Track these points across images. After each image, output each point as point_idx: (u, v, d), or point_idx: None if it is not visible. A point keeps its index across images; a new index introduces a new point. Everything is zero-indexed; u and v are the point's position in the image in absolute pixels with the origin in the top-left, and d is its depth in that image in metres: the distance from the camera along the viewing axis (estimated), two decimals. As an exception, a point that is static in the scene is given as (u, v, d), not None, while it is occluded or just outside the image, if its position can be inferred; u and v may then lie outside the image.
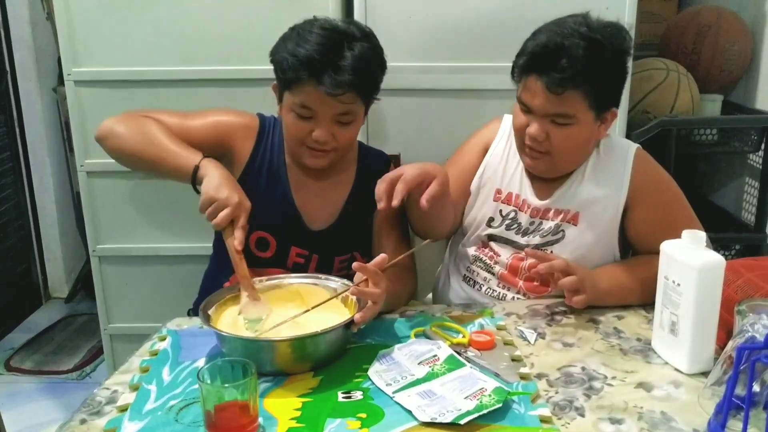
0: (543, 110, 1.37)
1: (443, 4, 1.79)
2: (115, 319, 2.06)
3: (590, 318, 1.38)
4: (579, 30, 1.33)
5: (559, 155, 1.42)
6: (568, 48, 1.31)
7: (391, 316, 1.39)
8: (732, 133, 2.13)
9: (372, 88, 1.45)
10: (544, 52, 1.34)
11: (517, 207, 1.52)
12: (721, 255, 1.16)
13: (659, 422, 1.04)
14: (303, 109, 1.40)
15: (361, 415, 1.05)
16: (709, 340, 1.17)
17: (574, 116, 1.36)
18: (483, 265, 1.54)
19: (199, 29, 1.83)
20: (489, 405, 1.04)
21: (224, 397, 0.99)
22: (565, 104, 1.35)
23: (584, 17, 1.37)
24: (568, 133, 1.38)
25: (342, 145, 1.46)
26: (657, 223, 1.44)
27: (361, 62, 1.36)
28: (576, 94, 1.34)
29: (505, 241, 1.52)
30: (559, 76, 1.32)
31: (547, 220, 1.49)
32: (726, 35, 2.16)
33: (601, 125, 1.42)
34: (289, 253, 1.52)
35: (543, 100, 1.36)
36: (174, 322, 1.39)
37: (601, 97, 1.37)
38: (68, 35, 1.84)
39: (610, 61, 1.36)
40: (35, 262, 3.23)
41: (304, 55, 1.35)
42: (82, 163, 1.94)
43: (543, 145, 1.40)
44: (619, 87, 1.42)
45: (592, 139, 1.44)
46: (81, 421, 1.07)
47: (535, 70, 1.35)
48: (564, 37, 1.33)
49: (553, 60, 1.32)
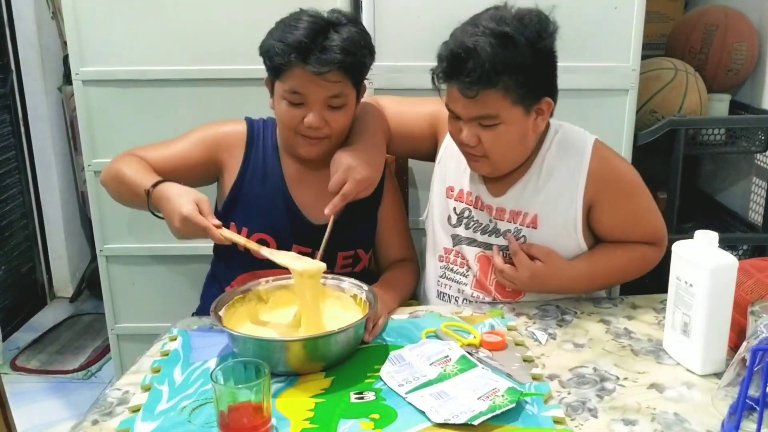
0: (466, 114, 1.34)
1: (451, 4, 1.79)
2: (122, 318, 2.06)
3: (601, 319, 1.38)
4: (488, 26, 1.29)
5: (496, 156, 1.37)
6: (473, 49, 1.27)
7: (400, 317, 1.39)
8: (739, 133, 2.13)
9: (360, 68, 1.44)
10: (452, 58, 1.30)
11: (470, 205, 1.49)
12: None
13: (673, 423, 1.04)
14: (293, 95, 1.40)
15: (373, 416, 1.05)
16: (721, 341, 1.17)
17: (498, 115, 1.32)
18: (453, 276, 1.52)
19: (207, 28, 1.83)
20: (502, 405, 1.04)
21: (238, 398, 0.99)
22: (485, 105, 1.31)
23: (498, 9, 1.34)
24: (497, 133, 1.34)
25: (335, 132, 1.45)
26: (622, 216, 1.45)
27: (346, 42, 1.37)
28: (492, 93, 1.29)
29: (469, 241, 1.50)
30: (468, 80, 1.28)
31: (502, 221, 1.45)
32: (733, 35, 2.16)
33: (537, 118, 1.36)
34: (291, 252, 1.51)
35: (462, 105, 1.33)
36: (184, 323, 1.39)
37: (523, 91, 1.31)
38: (76, 34, 1.84)
39: (524, 53, 1.28)
40: (40, 262, 3.23)
41: (292, 40, 1.36)
42: (90, 162, 1.93)
43: (477, 149, 1.37)
44: (544, 76, 1.35)
45: (529, 133, 1.38)
46: (93, 422, 1.07)
47: (449, 77, 1.32)
48: (472, 37, 1.28)
49: (462, 64, 1.28)
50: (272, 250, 1.33)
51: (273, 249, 1.36)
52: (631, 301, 1.45)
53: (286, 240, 1.50)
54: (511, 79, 1.28)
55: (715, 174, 2.48)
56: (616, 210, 1.44)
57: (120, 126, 1.90)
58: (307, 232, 1.52)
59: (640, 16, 1.79)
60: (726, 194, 2.42)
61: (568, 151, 1.43)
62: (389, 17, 1.79)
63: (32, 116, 3.05)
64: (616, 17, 1.79)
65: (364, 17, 1.80)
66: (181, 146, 1.52)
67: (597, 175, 1.41)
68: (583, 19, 1.78)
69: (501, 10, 1.33)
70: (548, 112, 1.38)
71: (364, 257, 1.56)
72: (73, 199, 3.24)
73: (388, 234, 1.60)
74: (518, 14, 1.32)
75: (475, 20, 1.33)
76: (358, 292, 1.33)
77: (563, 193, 1.42)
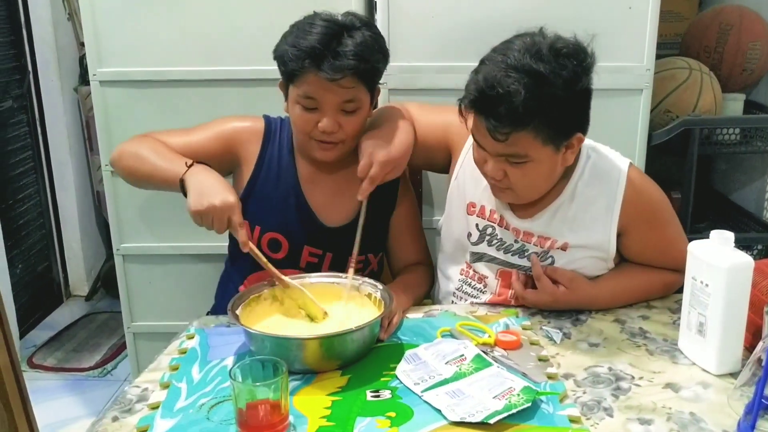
0: (494, 151, 1.29)
1: (466, 4, 1.79)
2: (138, 317, 2.08)
3: (615, 318, 1.38)
4: (522, 62, 1.20)
5: (522, 189, 1.33)
6: (506, 91, 1.19)
7: (416, 316, 1.40)
8: (754, 132, 2.12)
9: (373, 73, 1.44)
10: (481, 96, 1.22)
11: (494, 222, 1.45)
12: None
13: (689, 423, 1.04)
14: (307, 100, 1.41)
15: (390, 414, 1.06)
16: (737, 341, 1.17)
17: (527, 155, 1.26)
18: (470, 291, 1.50)
19: (223, 29, 1.84)
20: (518, 404, 1.04)
21: (256, 396, 1.00)
22: (515, 146, 1.25)
23: (533, 39, 1.25)
24: (525, 171, 1.29)
25: (349, 136, 1.45)
26: (651, 245, 1.43)
27: (360, 47, 1.37)
28: (523, 134, 1.23)
29: (489, 259, 1.46)
30: (498, 123, 1.21)
31: (529, 244, 1.41)
32: (748, 34, 2.15)
33: (566, 152, 1.31)
34: (302, 253, 1.52)
35: (491, 143, 1.27)
36: (201, 321, 1.40)
37: (555, 129, 1.25)
38: (93, 36, 1.86)
39: (559, 94, 1.21)
40: (56, 261, 3.26)
41: (306, 45, 1.36)
42: (106, 162, 1.94)
43: (503, 182, 1.32)
44: (577, 114, 1.29)
45: (556, 168, 1.33)
46: (113, 419, 1.09)
47: (477, 112, 1.26)
48: (504, 73, 1.20)
49: (492, 104, 1.21)
50: (300, 279, 1.37)
51: (298, 278, 1.38)
52: (647, 301, 1.45)
53: (297, 241, 1.51)
54: (542, 122, 1.22)
55: (729, 174, 2.48)
56: (647, 239, 1.42)
57: (136, 126, 1.91)
58: (318, 233, 1.52)
59: (654, 16, 1.78)
60: (740, 194, 2.41)
61: (603, 179, 1.39)
62: (404, 17, 1.80)
63: (49, 117, 3.08)
64: (630, 17, 1.79)
65: (379, 18, 1.80)
66: (199, 136, 1.52)
67: (631, 206, 1.38)
68: (597, 18, 1.78)
69: (536, 40, 1.24)
70: (578, 146, 1.33)
71: (373, 261, 1.57)
72: (88, 199, 3.27)
73: (402, 238, 1.60)
74: (554, 47, 1.23)
75: (507, 50, 1.24)
76: (373, 291, 1.34)
77: (596, 222, 1.39)
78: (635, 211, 1.39)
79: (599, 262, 1.42)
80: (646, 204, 1.40)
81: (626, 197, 1.38)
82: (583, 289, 1.39)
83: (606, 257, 1.41)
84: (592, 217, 1.39)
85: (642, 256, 1.44)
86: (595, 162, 1.40)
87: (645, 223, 1.41)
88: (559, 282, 1.38)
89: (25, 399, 1.19)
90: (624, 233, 1.40)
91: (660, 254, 1.44)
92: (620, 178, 1.38)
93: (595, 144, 1.44)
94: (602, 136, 1.48)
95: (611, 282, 1.43)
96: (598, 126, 1.48)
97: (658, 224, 1.43)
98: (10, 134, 2.96)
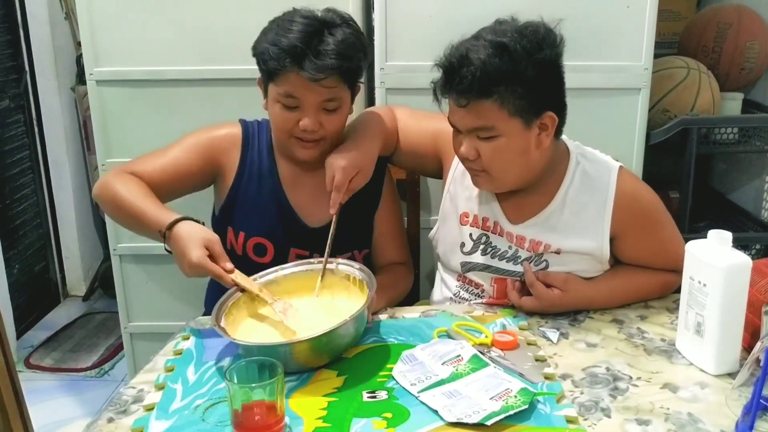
0: (463, 126, 1.31)
1: (463, 4, 1.79)
2: (135, 317, 2.07)
3: (613, 318, 1.38)
4: (486, 37, 1.27)
5: (497, 170, 1.34)
6: (466, 56, 1.25)
7: (412, 316, 1.39)
8: (752, 131, 2.11)
9: (355, 72, 1.43)
10: (447, 66, 1.28)
11: (488, 230, 1.45)
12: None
13: (686, 423, 1.04)
14: (288, 99, 1.40)
15: (386, 415, 1.05)
16: (735, 341, 1.16)
17: (494, 127, 1.28)
18: (468, 297, 1.50)
19: (220, 29, 1.84)
20: (515, 406, 1.04)
21: (252, 397, 1.00)
22: (480, 116, 1.28)
23: (501, 22, 1.31)
24: (496, 146, 1.30)
25: (330, 134, 1.44)
26: (645, 248, 1.43)
27: (341, 46, 1.36)
28: (486, 103, 1.26)
29: (482, 268, 1.46)
30: (460, 87, 1.26)
31: (523, 249, 1.42)
32: (746, 33, 2.14)
33: (540, 133, 1.32)
34: (288, 255, 1.51)
35: (459, 116, 1.31)
36: (196, 322, 1.40)
37: (522, 102, 1.27)
38: (90, 35, 1.85)
39: (521, 63, 1.25)
40: (53, 261, 3.25)
41: (286, 44, 1.35)
42: (103, 162, 1.94)
43: (476, 163, 1.34)
44: (547, 89, 1.30)
45: (531, 148, 1.32)
46: (108, 420, 1.08)
47: (444, 86, 1.30)
48: (468, 44, 1.27)
49: (456, 72, 1.26)
50: (284, 310, 1.30)
51: (284, 308, 1.31)
52: (645, 301, 1.45)
53: (283, 243, 1.51)
54: (507, 90, 1.25)
55: (727, 173, 2.47)
56: (641, 243, 1.42)
57: (133, 126, 1.91)
58: (303, 235, 1.51)
59: (652, 15, 1.78)
60: (738, 193, 2.40)
61: (593, 185, 1.39)
62: (401, 16, 1.79)
63: (46, 116, 3.08)
64: (628, 16, 1.79)
65: (376, 17, 1.80)
66: (174, 154, 1.49)
67: (622, 211, 1.38)
68: (595, 17, 1.78)
69: (504, 23, 1.31)
70: (553, 127, 1.33)
71: (358, 257, 1.56)
72: (86, 199, 3.26)
73: (384, 238, 1.59)
74: (520, 27, 1.29)
75: (478, 33, 1.31)
76: (351, 272, 1.35)
77: (588, 229, 1.39)
78: (627, 216, 1.39)
79: (594, 264, 1.42)
80: (637, 208, 1.40)
81: (617, 203, 1.38)
82: (578, 289, 1.39)
83: (599, 262, 1.41)
84: (584, 223, 1.39)
85: (637, 259, 1.44)
86: (584, 168, 1.41)
87: (638, 228, 1.40)
88: (553, 285, 1.38)
89: (20, 399, 1.18)
90: (617, 238, 1.40)
91: (655, 256, 1.44)
92: (610, 184, 1.39)
93: (584, 149, 1.45)
94: (600, 135, 1.48)
95: (608, 282, 1.43)
96: (597, 125, 1.48)
97: (651, 227, 1.42)
98: (7, 134, 2.95)
